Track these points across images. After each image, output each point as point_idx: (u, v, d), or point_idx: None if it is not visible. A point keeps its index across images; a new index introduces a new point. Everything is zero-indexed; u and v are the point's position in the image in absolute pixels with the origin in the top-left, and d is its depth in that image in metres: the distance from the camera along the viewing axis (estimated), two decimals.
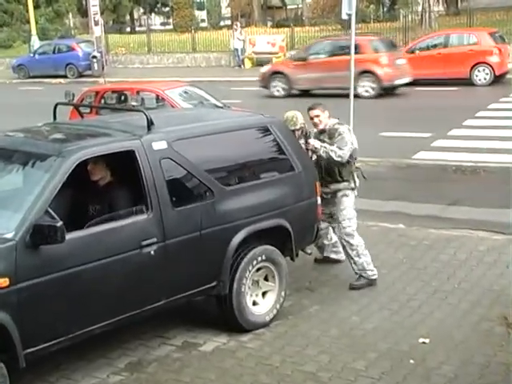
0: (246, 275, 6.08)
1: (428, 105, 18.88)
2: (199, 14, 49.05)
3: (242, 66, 31.54)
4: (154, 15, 60.09)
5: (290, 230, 6.38)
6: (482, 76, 21.90)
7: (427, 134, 14.76)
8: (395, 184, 11.47)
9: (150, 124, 5.74)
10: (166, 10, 54.95)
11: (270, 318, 6.31)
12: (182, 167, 5.75)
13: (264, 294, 6.38)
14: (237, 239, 5.98)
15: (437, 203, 10.15)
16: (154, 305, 5.61)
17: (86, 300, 5.14)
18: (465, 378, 5.34)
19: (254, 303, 6.28)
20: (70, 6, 46.86)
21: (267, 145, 6.58)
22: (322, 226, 7.22)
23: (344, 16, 12.20)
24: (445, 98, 20.17)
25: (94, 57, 30.60)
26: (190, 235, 5.69)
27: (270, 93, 22.25)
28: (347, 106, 11.69)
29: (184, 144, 5.81)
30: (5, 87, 30.62)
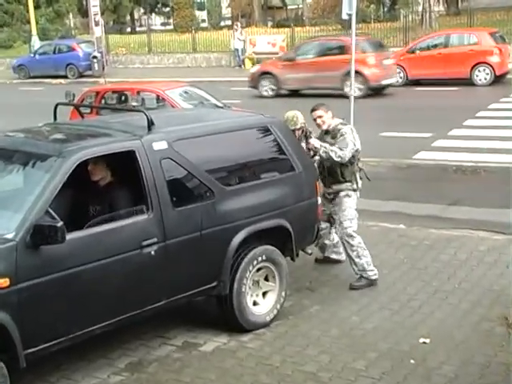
0: (246, 275, 6.08)
1: (428, 105, 18.88)
2: (200, 15, 49.04)
3: (242, 67, 31.50)
4: (154, 15, 60.10)
5: (291, 230, 6.38)
6: (482, 76, 21.90)
7: (428, 134, 14.75)
8: (395, 184, 11.46)
9: (150, 124, 5.74)
10: (167, 10, 54.94)
11: (270, 318, 6.31)
12: (182, 167, 5.75)
13: (264, 294, 6.38)
14: (237, 239, 5.98)
15: (437, 203, 10.15)
16: (154, 305, 5.61)
17: (86, 300, 5.13)
18: (465, 378, 5.33)
19: (255, 303, 6.28)
20: (70, 6, 46.86)
21: (267, 145, 6.58)
22: (323, 226, 7.23)
23: (344, 16, 12.21)
24: (445, 98, 20.17)
25: (95, 57, 30.62)
26: (191, 235, 5.70)
27: (259, 93, 22.34)
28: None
29: (184, 144, 5.81)
30: (5, 87, 30.62)
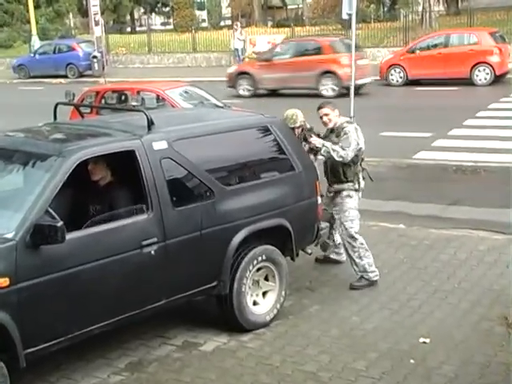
0: (246, 275, 6.08)
1: (428, 105, 18.89)
2: (200, 14, 49.02)
3: None
4: (154, 15, 60.03)
5: (291, 230, 6.38)
6: (482, 76, 21.89)
7: (428, 134, 14.75)
8: (396, 184, 11.46)
9: (150, 124, 5.74)
10: (167, 9, 54.90)
11: (270, 318, 6.31)
12: (182, 167, 5.75)
13: (264, 293, 6.38)
14: (237, 239, 5.98)
15: (437, 203, 10.15)
16: (154, 305, 5.61)
17: (86, 300, 5.13)
18: (465, 378, 5.34)
19: (255, 303, 6.28)
20: (70, 6, 46.83)
21: (267, 145, 6.58)
22: (323, 226, 7.22)
23: (344, 16, 12.24)
24: (445, 98, 20.17)
25: (95, 57, 30.62)
26: (191, 235, 5.69)
27: (237, 92, 22.40)
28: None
29: (184, 144, 5.81)
30: (5, 87, 30.61)
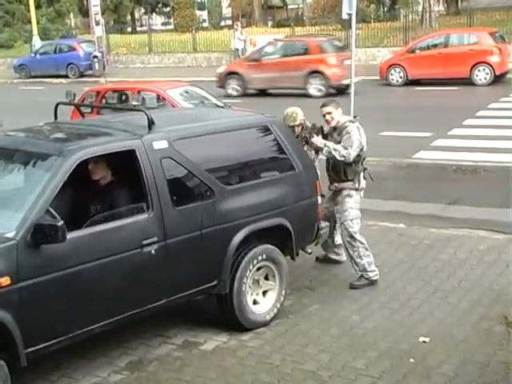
0: (246, 274, 6.09)
1: (428, 104, 18.89)
2: (200, 14, 49.02)
3: None
4: (155, 15, 60.00)
5: (291, 230, 6.39)
6: (482, 76, 21.89)
7: (427, 134, 14.76)
8: (395, 183, 11.47)
9: (150, 123, 5.75)
10: (167, 10, 54.88)
11: (270, 317, 6.32)
12: (182, 167, 5.76)
13: (264, 293, 6.39)
14: (237, 238, 5.99)
15: (437, 202, 10.16)
16: (154, 304, 5.62)
17: (87, 299, 5.14)
18: (465, 377, 5.35)
19: (255, 302, 6.29)
20: (71, 6, 46.82)
21: (267, 144, 6.59)
22: (323, 225, 7.22)
23: (344, 16, 12.26)
24: (445, 98, 20.17)
25: (95, 57, 30.61)
26: (191, 234, 5.70)
27: (226, 92, 22.43)
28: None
29: (185, 143, 5.82)
30: (6, 87, 30.61)
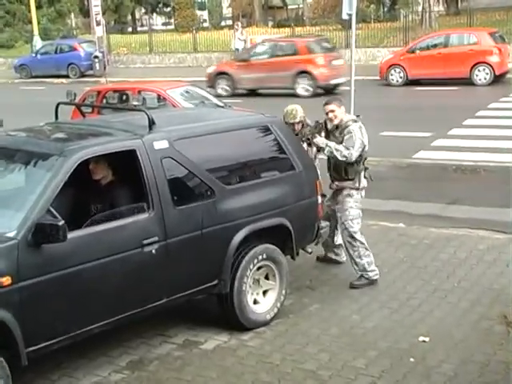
0: (246, 274, 6.10)
1: (428, 104, 18.89)
2: (201, 14, 49.02)
3: None
4: (155, 15, 60.04)
5: (291, 229, 6.40)
6: (482, 76, 21.89)
7: (427, 134, 14.76)
8: (395, 183, 11.48)
9: (151, 123, 5.76)
10: (168, 10, 54.90)
11: (270, 317, 6.33)
12: (183, 166, 5.77)
13: (265, 292, 6.40)
14: (238, 238, 6.00)
15: (437, 202, 10.17)
16: (155, 303, 5.63)
17: (87, 299, 5.16)
18: (464, 377, 5.35)
19: (255, 302, 6.30)
20: (72, 6, 46.82)
21: (268, 144, 6.60)
22: (323, 225, 7.23)
23: (344, 16, 12.23)
24: (445, 98, 20.18)
25: (96, 57, 30.62)
26: (192, 234, 5.72)
27: (216, 92, 22.36)
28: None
29: (185, 143, 5.84)
30: (7, 87, 30.61)
